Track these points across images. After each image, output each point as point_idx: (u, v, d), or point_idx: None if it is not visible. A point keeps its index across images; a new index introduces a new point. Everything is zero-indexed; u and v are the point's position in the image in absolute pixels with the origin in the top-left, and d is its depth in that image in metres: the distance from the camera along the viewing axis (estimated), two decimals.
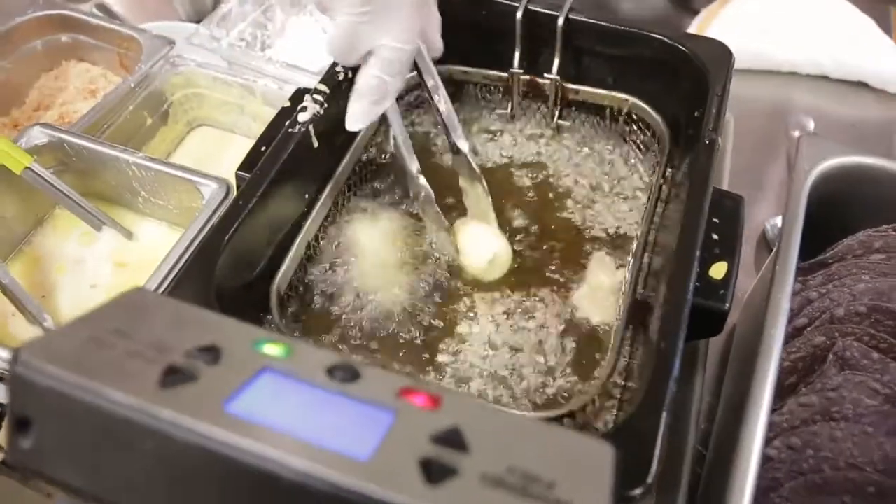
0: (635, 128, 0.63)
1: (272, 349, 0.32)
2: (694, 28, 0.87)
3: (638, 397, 0.42)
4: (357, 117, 0.52)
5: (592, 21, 0.60)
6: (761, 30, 0.85)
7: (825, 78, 0.86)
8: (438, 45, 0.57)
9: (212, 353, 0.31)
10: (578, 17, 0.59)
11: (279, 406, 0.29)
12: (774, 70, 0.86)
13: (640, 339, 0.50)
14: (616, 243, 0.58)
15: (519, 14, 0.59)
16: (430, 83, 0.57)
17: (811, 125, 0.81)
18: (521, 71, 0.63)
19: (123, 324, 0.32)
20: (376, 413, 0.29)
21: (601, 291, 0.55)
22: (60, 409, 0.28)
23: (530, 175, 0.63)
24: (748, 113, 0.81)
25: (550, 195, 0.61)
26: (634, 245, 0.56)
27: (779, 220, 0.72)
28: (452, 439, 0.28)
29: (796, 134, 0.80)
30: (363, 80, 0.51)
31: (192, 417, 0.27)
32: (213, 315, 0.34)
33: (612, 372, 0.47)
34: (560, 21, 0.59)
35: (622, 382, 0.49)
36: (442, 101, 0.57)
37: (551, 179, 0.62)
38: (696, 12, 0.92)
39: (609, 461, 0.29)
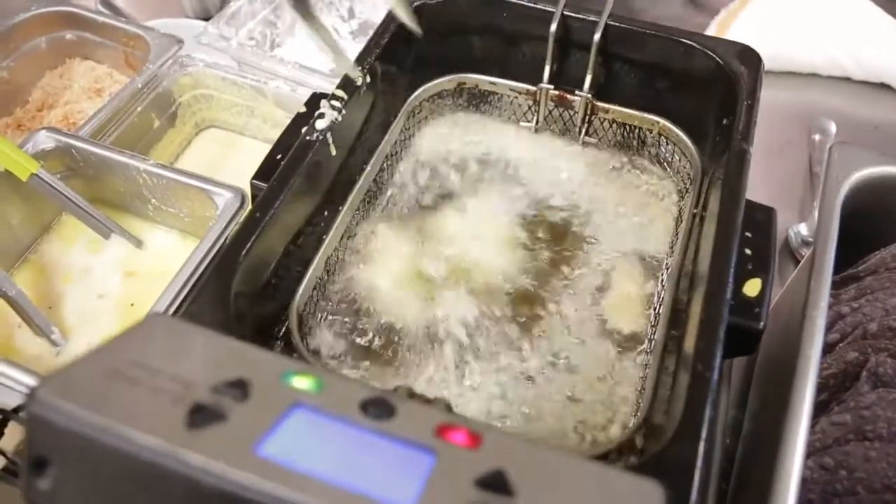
0: (663, 150, 0.61)
1: (302, 382, 0.30)
2: (713, 28, 0.85)
3: (673, 423, 0.40)
4: None
5: (627, 26, 0.57)
6: (782, 30, 0.83)
7: (847, 79, 0.84)
8: None
9: (240, 388, 0.29)
10: (614, 24, 0.57)
11: (313, 447, 0.27)
12: (795, 71, 0.85)
13: (671, 357, 0.48)
14: (642, 264, 0.56)
15: (553, 27, 0.57)
16: None
17: (833, 128, 0.79)
18: (552, 87, 0.61)
19: (145, 355, 0.30)
20: (416, 454, 0.28)
21: (630, 301, 0.54)
22: (80, 450, 0.27)
23: (553, 189, 0.61)
24: (768, 115, 0.79)
25: (574, 211, 0.60)
26: (665, 274, 0.55)
27: (802, 227, 0.71)
28: (497, 483, 0.27)
29: (817, 137, 0.79)
30: None
31: (222, 462, 0.25)
32: (238, 344, 0.32)
33: (650, 407, 0.45)
34: (596, 36, 0.57)
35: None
36: None
37: (574, 195, 0.61)
38: (713, 11, 0.90)
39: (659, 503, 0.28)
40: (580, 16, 0.58)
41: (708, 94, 0.57)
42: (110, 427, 0.26)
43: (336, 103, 0.52)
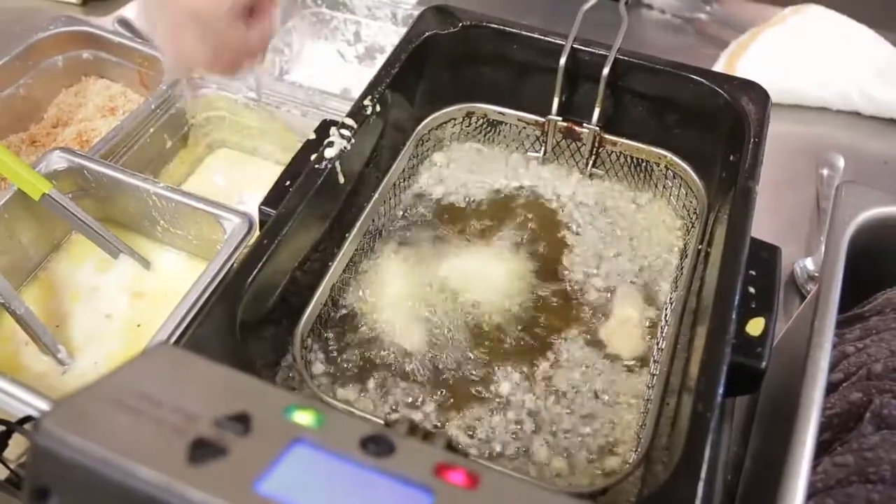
0: (669, 184, 0.61)
1: (303, 417, 0.31)
2: (723, 60, 0.86)
3: (673, 462, 0.40)
4: None
5: (637, 61, 0.58)
6: (792, 63, 0.84)
7: (856, 114, 0.85)
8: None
9: (242, 423, 0.29)
10: (623, 58, 0.58)
11: (312, 485, 0.27)
12: (804, 105, 0.85)
13: (673, 393, 0.48)
14: (646, 299, 0.56)
15: (562, 60, 0.58)
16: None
17: (841, 163, 0.79)
18: (560, 118, 0.61)
19: (149, 386, 0.30)
20: (414, 493, 0.28)
21: (633, 337, 0.54)
22: (83, 481, 0.27)
23: (559, 220, 0.61)
24: (776, 148, 0.79)
25: (579, 243, 0.60)
26: (668, 310, 0.55)
27: (808, 262, 0.70)
28: None
29: (825, 172, 0.79)
30: None
31: (222, 499, 0.26)
32: (241, 376, 0.33)
33: (651, 444, 0.45)
34: (606, 70, 0.57)
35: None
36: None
37: (580, 227, 0.61)
38: (723, 43, 0.90)
39: None
40: (590, 49, 0.59)
41: (715, 131, 0.57)
42: (113, 460, 0.27)
43: (346, 132, 0.53)
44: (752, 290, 0.47)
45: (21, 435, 0.50)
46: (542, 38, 0.60)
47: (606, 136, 0.61)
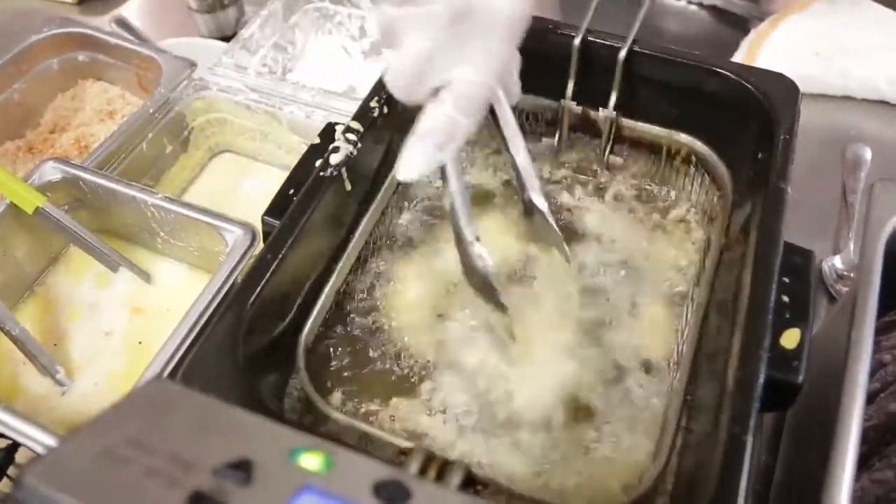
0: (693, 170, 0.58)
1: (310, 461, 0.28)
2: (744, 49, 0.82)
3: (707, 490, 0.38)
4: (414, 164, 0.41)
5: (655, 53, 0.55)
6: (814, 51, 0.80)
7: (883, 103, 0.81)
8: (517, 88, 0.49)
9: (243, 471, 0.27)
10: (640, 49, 0.55)
11: None
12: (828, 94, 0.81)
13: (699, 408, 0.46)
14: (669, 297, 0.54)
15: (576, 41, 0.55)
16: (507, 132, 0.48)
17: (868, 154, 0.76)
18: (574, 103, 0.58)
19: (142, 430, 0.28)
20: None
21: (655, 337, 0.52)
22: None
23: (575, 213, 0.59)
24: (800, 140, 0.75)
25: (596, 235, 0.57)
26: (690, 309, 0.52)
27: (837, 261, 0.67)
28: None
29: (851, 164, 0.75)
30: (428, 119, 0.41)
31: None
32: (243, 415, 0.30)
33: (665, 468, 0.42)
34: (622, 53, 0.54)
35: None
36: (520, 152, 0.48)
37: (597, 218, 0.58)
38: (744, 29, 0.87)
39: None
40: (604, 39, 0.56)
41: (742, 126, 0.54)
42: None
43: (351, 136, 0.50)
44: (785, 298, 0.44)
45: (28, 450, 0.48)
46: (556, 20, 0.56)
47: (625, 121, 0.58)
